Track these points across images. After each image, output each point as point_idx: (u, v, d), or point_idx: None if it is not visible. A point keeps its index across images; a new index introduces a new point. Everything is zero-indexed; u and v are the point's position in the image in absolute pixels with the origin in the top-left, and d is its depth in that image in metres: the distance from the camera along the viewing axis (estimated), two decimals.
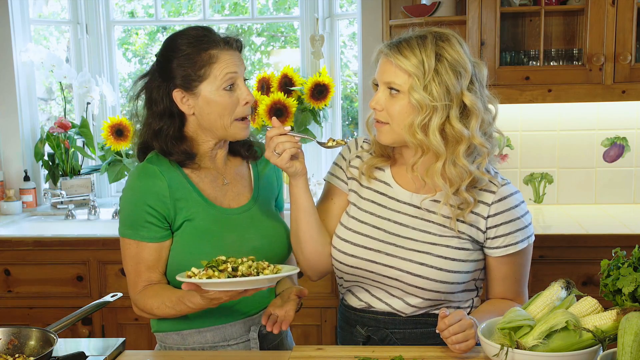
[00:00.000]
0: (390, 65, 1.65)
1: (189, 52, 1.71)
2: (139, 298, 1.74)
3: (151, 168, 1.73)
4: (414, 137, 1.63)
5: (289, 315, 1.71)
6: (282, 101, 3.38)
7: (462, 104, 1.63)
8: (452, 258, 1.68)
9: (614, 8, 2.84)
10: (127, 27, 4.56)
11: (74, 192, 3.59)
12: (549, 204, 3.33)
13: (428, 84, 1.60)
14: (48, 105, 4.25)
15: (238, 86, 1.73)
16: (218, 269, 1.55)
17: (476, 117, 1.64)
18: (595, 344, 1.45)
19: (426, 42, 1.62)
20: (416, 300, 1.71)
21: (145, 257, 1.73)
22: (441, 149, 1.63)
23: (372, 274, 1.73)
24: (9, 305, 3.02)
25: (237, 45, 1.76)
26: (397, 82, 1.63)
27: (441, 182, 1.65)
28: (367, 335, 1.77)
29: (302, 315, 2.74)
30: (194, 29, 1.75)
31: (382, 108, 1.67)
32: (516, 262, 1.74)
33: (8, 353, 1.57)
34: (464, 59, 1.64)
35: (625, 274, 1.52)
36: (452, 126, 1.62)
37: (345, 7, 3.73)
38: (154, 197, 1.71)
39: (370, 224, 1.75)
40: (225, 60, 1.71)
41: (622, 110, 3.22)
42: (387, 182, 1.77)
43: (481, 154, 1.68)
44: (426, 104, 1.60)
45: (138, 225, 1.72)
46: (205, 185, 1.79)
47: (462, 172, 1.64)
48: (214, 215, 1.77)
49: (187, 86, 1.72)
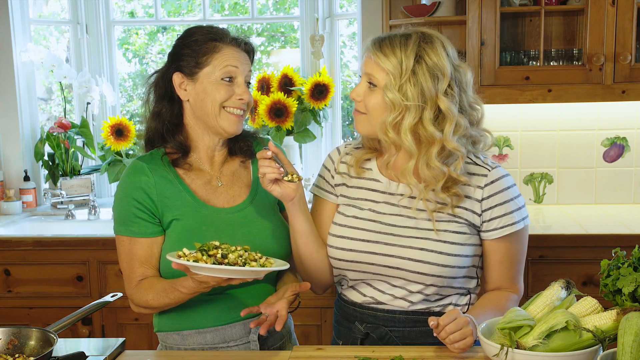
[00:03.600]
0: (371, 61, 1.69)
1: (197, 39, 1.77)
2: (134, 292, 1.76)
3: (139, 165, 1.78)
4: (386, 135, 1.68)
5: (281, 315, 1.69)
6: (282, 101, 3.37)
7: (437, 108, 1.66)
8: (451, 242, 1.69)
9: (614, 8, 2.84)
10: (127, 27, 4.56)
11: (74, 192, 3.59)
12: (549, 204, 3.33)
13: (404, 84, 1.64)
14: (48, 105, 4.25)
15: (237, 82, 1.77)
16: (208, 253, 1.56)
17: (450, 122, 1.66)
18: (595, 344, 1.45)
19: (409, 42, 1.66)
20: (418, 287, 1.72)
21: (137, 253, 1.75)
22: (413, 149, 1.66)
23: (372, 266, 1.74)
24: (9, 305, 3.02)
25: (246, 47, 1.80)
26: (375, 76, 1.68)
27: (414, 181, 1.69)
28: (365, 332, 1.77)
29: (302, 315, 2.75)
30: (212, 26, 1.82)
31: (360, 99, 1.71)
32: (512, 246, 1.75)
33: (8, 353, 1.57)
34: (443, 63, 1.66)
35: (625, 274, 1.52)
36: (425, 128, 1.65)
37: (345, 7, 3.73)
38: (140, 192, 1.75)
39: (366, 218, 1.76)
40: (228, 53, 1.76)
41: (622, 110, 3.22)
42: (375, 178, 1.80)
43: (457, 158, 1.69)
44: (399, 104, 1.64)
45: (128, 221, 1.75)
46: (198, 186, 1.80)
47: (436, 173, 1.67)
48: (204, 214, 1.77)
49: (188, 71, 1.77)
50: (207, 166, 1.84)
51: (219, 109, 1.75)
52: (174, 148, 1.81)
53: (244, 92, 1.76)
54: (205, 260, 1.53)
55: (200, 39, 1.77)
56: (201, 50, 1.75)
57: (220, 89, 1.75)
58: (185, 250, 1.59)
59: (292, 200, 1.72)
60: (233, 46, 1.77)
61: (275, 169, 1.67)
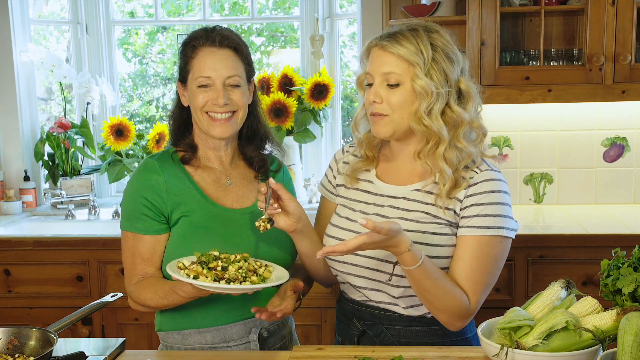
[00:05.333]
0: (388, 56, 1.67)
1: (182, 47, 1.80)
2: (133, 290, 1.77)
3: (151, 163, 1.79)
4: (420, 124, 1.67)
5: (287, 309, 1.71)
6: (282, 101, 3.38)
7: (458, 90, 1.70)
8: (429, 243, 1.68)
9: (614, 8, 2.84)
10: (127, 27, 4.56)
11: (74, 192, 3.59)
12: (549, 204, 3.33)
13: (429, 70, 1.65)
14: (48, 105, 4.25)
15: (214, 86, 1.75)
16: (208, 266, 1.58)
17: (472, 101, 1.71)
18: (595, 344, 1.45)
19: (419, 34, 1.67)
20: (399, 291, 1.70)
21: (140, 250, 1.76)
22: (445, 134, 1.67)
23: (356, 268, 1.74)
24: (9, 305, 3.02)
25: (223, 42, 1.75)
26: (396, 71, 1.66)
27: (444, 165, 1.68)
28: (362, 330, 1.77)
29: (302, 315, 2.74)
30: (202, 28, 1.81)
31: (382, 100, 1.68)
32: (476, 249, 1.64)
33: (8, 353, 1.57)
34: (454, 47, 1.71)
35: (625, 274, 1.52)
36: (453, 110, 1.68)
37: (345, 7, 3.73)
38: (150, 190, 1.75)
39: (355, 219, 1.76)
40: (203, 57, 1.75)
41: (622, 110, 3.22)
42: (370, 180, 1.81)
43: (477, 136, 1.73)
44: (431, 90, 1.65)
45: (135, 218, 1.76)
46: (207, 184, 1.82)
47: (463, 153, 1.69)
48: (212, 212, 1.78)
49: (182, 79, 1.81)
50: (216, 164, 1.85)
51: (202, 114, 1.77)
52: (183, 146, 1.84)
53: (219, 95, 1.74)
54: (206, 275, 1.56)
55: (183, 47, 1.79)
56: (185, 57, 1.78)
57: (198, 95, 1.76)
58: (185, 262, 1.62)
59: (293, 232, 1.73)
60: (209, 47, 1.75)
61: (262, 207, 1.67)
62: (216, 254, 1.64)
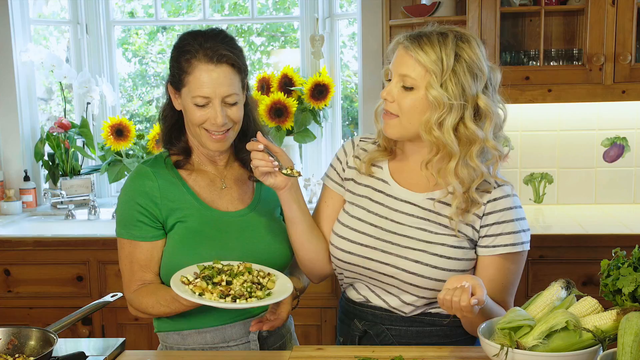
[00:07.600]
0: (408, 58, 1.63)
1: (176, 54, 1.74)
2: (133, 297, 1.76)
3: (144, 169, 1.78)
4: (430, 134, 1.63)
5: (281, 317, 1.74)
6: (282, 101, 3.38)
7: (476, 106, 1.64)
8: (448, 256, 1.67)
9: (614, 8, 2.84)
10: (127, 27, 4.56)
11: (74, 192, 3.59)
12: (549, 204, 3.33)
13: (445, 81, 1.60)
14: (48, 105, 4.25)
15: (212, 105, 1.70)
16: (212, 281, 1.59)
17: (490, 120, 1.64)
18: (595, 344, 1.44)
19: (447, 41, 1.62)
20: (411, 298, 1.71)
21: (138, 257, 1.75)
22: (455, 148, 1.63)
23: (368, 271, 1.73)
24: (9, 305, 3.02)
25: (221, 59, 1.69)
26: (412, 75, 1.62)
27: (455, 181, 1.64)
28: (363, 330, 1.77)
29: (302, 315, 2.74)
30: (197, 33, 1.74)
31: (393, 99, 1.66)
32: (504, 267, 1.69)
33: (8, 353, 1.57)
34: (482, 62, 1.64)
35: (625, 274, 1.52)
36: (467, 127, 1.62)
37: (345, 7, 3.73)
38: (144, 196, 1.74)
39: (367, 221, 1.74)
40: (200, 75, 1.68)
41: (622, 110, 3.22)
42: (384, 180, 1.77)
43: (492, 157, 1.68)
44: (444, 102, 1.60)
45: (130, 225, 1.75)
46: (201, 188, 1.80)
47: (474, 173, 1.65)
48: (207, 217, 1.77)
49: (175, 85, 1.76)
50: (211, 167, 1.84)
51: (199, 129, 1.73)
52: (177, 150, 1.81)
53: (217, 115, 1.69)
54: (211, 291, 1.57)
55: (177, 54, 1.72)
56: (180, 67, 1.71)
57: (194, 112, 1.71)
58: (189, 276, 1.62)
59: (284, 189, 1.70)
60: (206, 64, 1.68)
61: (269, 162, 1.65)
62: (219, 267, 1.63)
